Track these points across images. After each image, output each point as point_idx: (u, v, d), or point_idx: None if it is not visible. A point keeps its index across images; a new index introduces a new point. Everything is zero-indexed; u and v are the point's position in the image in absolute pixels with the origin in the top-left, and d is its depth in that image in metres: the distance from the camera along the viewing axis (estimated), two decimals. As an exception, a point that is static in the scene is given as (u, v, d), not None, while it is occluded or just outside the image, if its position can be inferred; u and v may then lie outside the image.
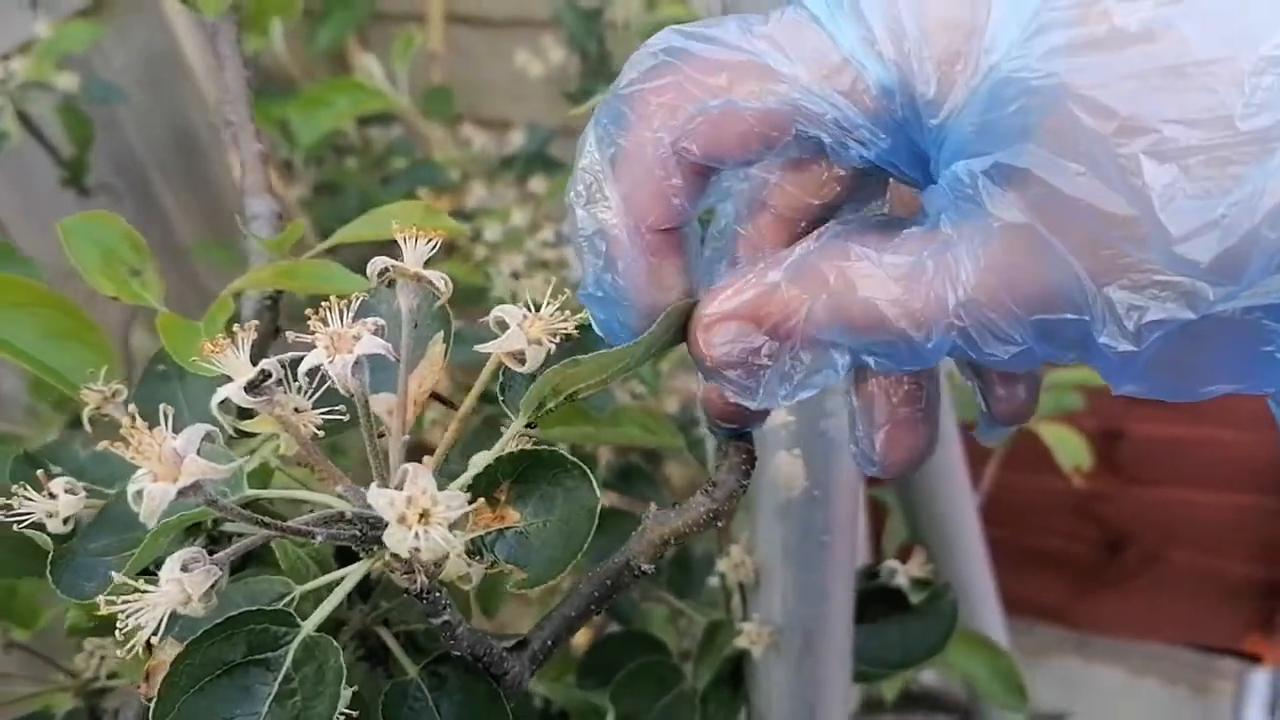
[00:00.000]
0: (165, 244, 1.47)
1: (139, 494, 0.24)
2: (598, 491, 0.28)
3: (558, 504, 0.29)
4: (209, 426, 0.26)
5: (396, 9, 1.58)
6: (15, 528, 0.32)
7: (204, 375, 0.36)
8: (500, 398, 0.32)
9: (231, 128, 0.44)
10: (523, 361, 0.30)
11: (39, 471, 0.32)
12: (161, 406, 0.25)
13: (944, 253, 0.26)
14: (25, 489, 0.32)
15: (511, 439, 0.32)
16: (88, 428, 0.35)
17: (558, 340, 0.30)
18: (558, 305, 0.30)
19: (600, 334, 0.31)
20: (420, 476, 0.26)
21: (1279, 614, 1.65)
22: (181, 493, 0.25)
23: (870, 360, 0.29)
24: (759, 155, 0.28)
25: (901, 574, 0.58)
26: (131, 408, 0.24)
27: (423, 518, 0.25)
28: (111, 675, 0.46)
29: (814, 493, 0.50)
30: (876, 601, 0.58)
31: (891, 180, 0.32)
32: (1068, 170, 0.23)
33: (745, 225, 0.32)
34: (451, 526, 0.26)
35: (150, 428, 0.25)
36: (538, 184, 1.15)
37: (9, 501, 0.32)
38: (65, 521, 0.31)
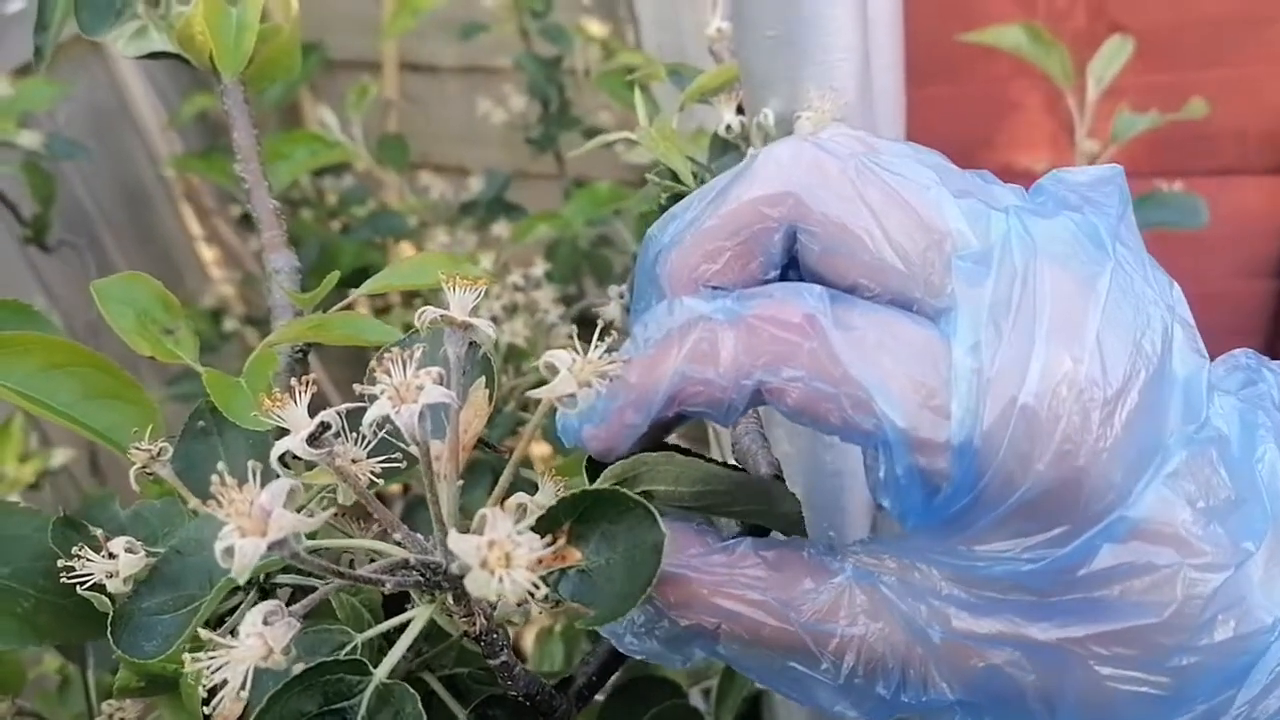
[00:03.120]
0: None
1: (228, 550, 0.25)
2: (662, 527, 0.28)
3: (619, 541, 0.29)
4: (293, 481, 0.26)
5: (347, 58, 1.59)
6: (78, 589, 0.32)
7: (243, 430, 0.37)
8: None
9: (245, 185, 0.44)
10: (574, 406, 0.31)
11: (99, 532, 0.32)
12: (250, 463, 0.25)
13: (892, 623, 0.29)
14: (84, 550, 0.32)
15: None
16: (135, 486, 0.35)
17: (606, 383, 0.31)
18: (605, 348, 0.30)
19: (562, 423, 0.32)
20: (501, 521, 0.26)
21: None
22: (271, 547, 0.25)
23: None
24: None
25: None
26: (221, 465, 0.24)
27: (504, 561, 0.26)
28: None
29: (830, 533, 0.51)
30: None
31: None
32: None
33: None
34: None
35: (240, 485, 0.25)
36: (500, 228, 1.16)
37: (70, 563, 0.32)
38: (125, 581, 0.32)
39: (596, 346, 0.31)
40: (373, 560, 0.38)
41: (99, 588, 0.32)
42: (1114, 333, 0.27)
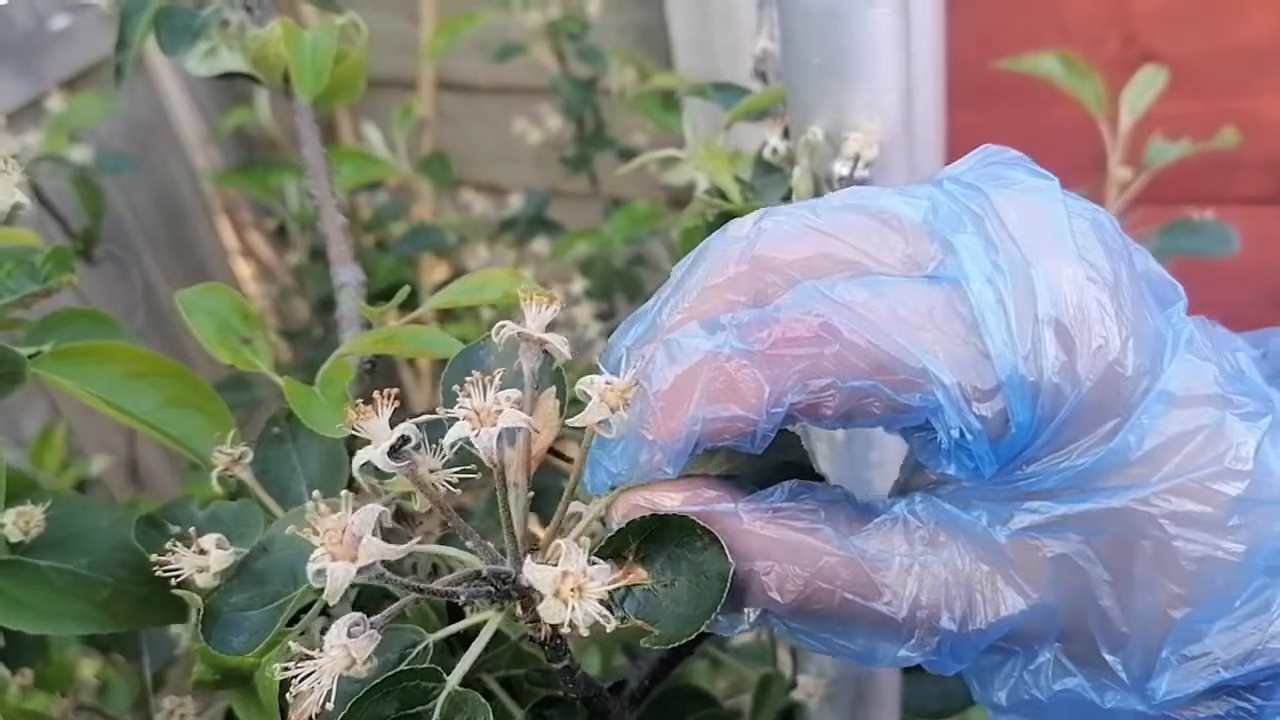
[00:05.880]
0: (150, 309, 1.49)
1: (320, 573, 0.26)
2: (729, 557, 0.29)
3: (683, 566, 0.30)
4: (381, 507, 0.28)
5: (382, 76, 1.62)
6: (172, 583, 0.33)
7: (317, 436, 0.38)
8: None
9: (314, 200, 0.46)
10: (610, 430, 0.30)
11: (192, 529, 0.34)
12: (344, 493, 0.27)
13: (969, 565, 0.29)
14: (176, 545, 0.34)
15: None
16: (216, 488, 0.37)
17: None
18: (633, 371, 0.30)
19: (591, 483, 0.32)
20: (575, 555, 0.28)
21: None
22: (360, 571, 0.26)
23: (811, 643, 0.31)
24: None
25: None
26: (317, 493, 0.26)
27: (577, 592, 0.27)
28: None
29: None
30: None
31: None
32: None
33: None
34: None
35: (333, 511, 0.27)
36: (540, 245, 1.18)
37: (164, 558, 0.33)
38: (215, 576, 0.33)
39: (626, 368, 0.31)
40: (434, 568, 0.39)
41: (185, 583, 0.34)
42: (1085, 238, 0.28)
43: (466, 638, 0.38)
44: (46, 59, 1.37)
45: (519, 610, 0.31)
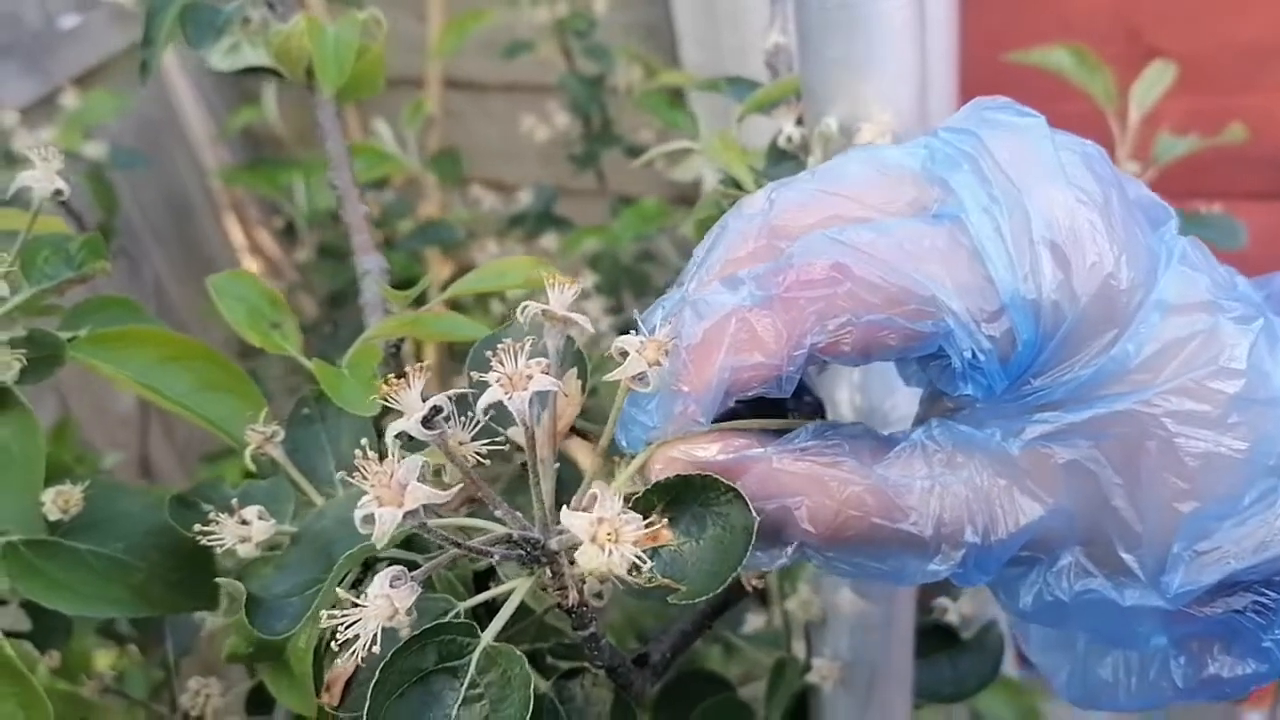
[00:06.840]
0: (160, 304, 1.50)
1: (368, 518, 0.27)
2: (752, 510, 0.30)
3: (708, 524, 0.31)
4: (424, 458, 0.29)
5: (390, 74, 1.62)
6: (218, 550, 0.34)
7: (345, 416, 0.39)
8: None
9: (337, 191, 0.47)
10: (646, 384, 0.32)
11: (233, 501, 0.35)
12: (390, 439, 0.28)
13: (989, 478, 0.31)
14: (219, 515, 0.35)
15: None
16: (250, 465, 0.38)
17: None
18: (669, 328, 0.32)
19: (626, 435, 0.33)
20: (610, 500, 0.29)
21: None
22: (406, 516, 0.28)
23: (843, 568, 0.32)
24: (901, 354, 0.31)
25: (953, 611, 0.61)
26: (365, 440, 0.27)
27: (613, 537, 0.28)
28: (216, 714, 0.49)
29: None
30: (927, 637, 0.60)
31: None
32: None
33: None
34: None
35: (381, 459, 0.28)
36: (548, 241, 1.19)
37: (208, 528, 0.34)
38: (257, 546, 0.34)
39: (662, 327, 0.32)
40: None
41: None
42: (1074, 167, 0.30)
43: (493, 610, 0.40)
44: (55, 57, 1.38)
45: (548, 575, 0.32)
